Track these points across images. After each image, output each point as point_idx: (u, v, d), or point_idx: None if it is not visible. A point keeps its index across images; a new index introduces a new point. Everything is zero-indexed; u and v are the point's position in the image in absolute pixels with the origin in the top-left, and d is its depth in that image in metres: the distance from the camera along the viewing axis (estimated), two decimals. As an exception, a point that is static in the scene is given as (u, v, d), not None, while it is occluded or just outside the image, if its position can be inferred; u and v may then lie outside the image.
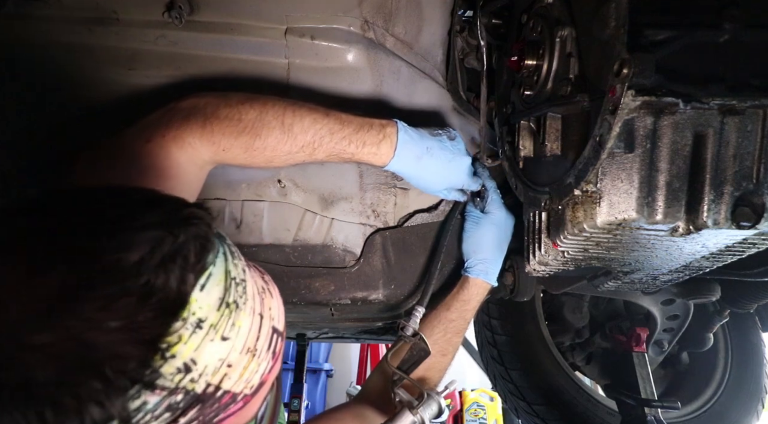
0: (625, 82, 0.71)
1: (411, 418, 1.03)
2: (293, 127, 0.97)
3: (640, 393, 1.58)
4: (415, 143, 1.07)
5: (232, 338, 0.57)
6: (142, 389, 0.50)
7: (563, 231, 0.92)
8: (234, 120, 0.94)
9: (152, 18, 1.05)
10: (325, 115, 1.00)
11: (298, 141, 0.98)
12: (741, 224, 0.79)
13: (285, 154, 0.99)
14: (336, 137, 1.01)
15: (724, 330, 1.86)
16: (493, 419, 4.41)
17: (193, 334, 0.53)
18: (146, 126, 0.93)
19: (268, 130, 0.96)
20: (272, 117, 0.96)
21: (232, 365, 0.57)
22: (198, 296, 0.54)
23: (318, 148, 1.00)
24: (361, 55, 1.11)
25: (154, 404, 0.52)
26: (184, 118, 0.93)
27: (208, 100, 0.96)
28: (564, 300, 1.82)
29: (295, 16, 1.07)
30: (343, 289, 1.24)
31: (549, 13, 0.96)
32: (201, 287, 0.54)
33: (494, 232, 1.25)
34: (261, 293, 0.64)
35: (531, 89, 1.00)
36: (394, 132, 1.06)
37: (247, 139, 0.95)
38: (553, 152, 0.95)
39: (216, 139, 0.94)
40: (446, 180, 1.16)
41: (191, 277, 0.53)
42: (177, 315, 0.52)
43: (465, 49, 1.28)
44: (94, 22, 1.06)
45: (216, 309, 0.55)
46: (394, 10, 1.13)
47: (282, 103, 0.98)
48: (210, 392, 0.56)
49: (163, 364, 0.51)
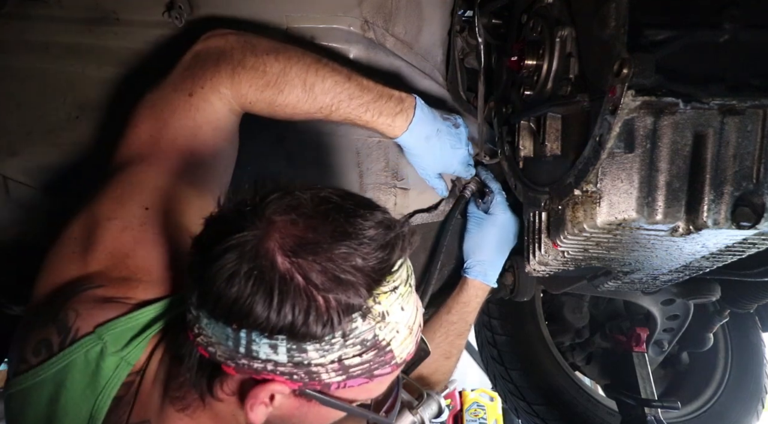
0: (625, 82, 0.71)
1: (411, 418, 1.03)
2: (314, 88, 0.97)
3: (640, 393, 1.58)
4: (428, 123, 1.09)
5: (406, 310, 0.68)
6: (359, 315, 0.63)
7: (563, 231, 0.92)
8: (259, 71, 0.94)
9: (152, 18, 1.05)
10: (347, 78, 0.99)
11: (318, 102, 0.98)
12: (741, 224, 0.79)
13: (304, 113, 1.00)
14: (354, 103, 1.00)
15: (724, 330, 1.86)
16: (493, 419, 4.40)
17: (391, 293, 0.66)
18: (182, 78, 0.93)
19: (290, 87, 0.96)
20: (295, 74, 0.96)
21: (400, 331, 0.68)
22: (400, 270, 0.67)
23: (335, 111, 1.00)
24: (361, 55, 1.11)
25: (359, 331, 0.64)
26: (214, 65, 0.93)
27: (233, 45, 0.96)
28: (564, 300, 1.81)
29: (295, 16, 1.07)
30: (343, 289, 1.24)
31: (549, 13, 0.96)
32: (401, 265, 0.67)
33: (496, 234, 1.24)
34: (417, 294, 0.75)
35: (531, 89, 1.00)
36: (412, 107, 1.06)
37: (271, 95, 0.95)
38: (553, 152, 0.95)
39: (244, 91, 0.94)
40: (443, 165, 1.16)
41: (402, 255, 0.67)
42: (390, 275, 0.65)
43: (465, 49, 1.28)
44: (94, 22, 1.06)
45: (404, 284, 0.68)
46: (394, 10, 1.13)
47: (306, 60, 0.97)
48: (384, 345, 0.67)
49: (373, 305, 0.64)
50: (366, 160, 1.22)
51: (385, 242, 0.64)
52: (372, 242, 0.63)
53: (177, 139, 0.91)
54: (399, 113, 1.05)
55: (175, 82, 0.94)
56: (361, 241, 0.62)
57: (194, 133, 0.92)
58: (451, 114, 1.17)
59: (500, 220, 1.24)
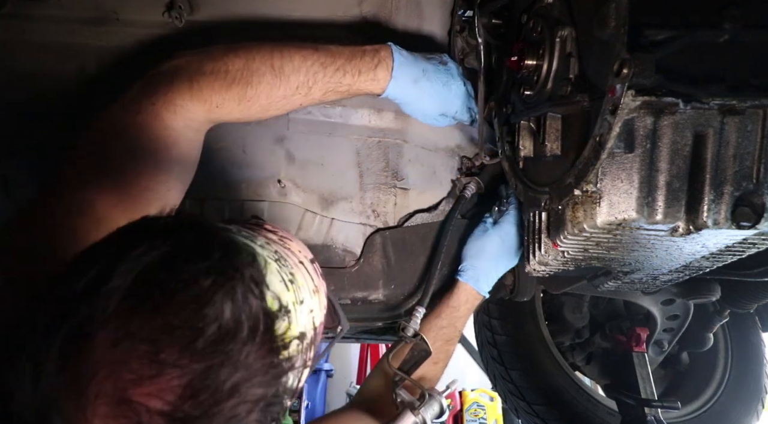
0: (625, 82, 0.71)
1: (413, 418, 1.03)
2: (284, 69, 0.93)
3: (640, 393, 1.58)
4: (411, 65, 1.04)
5: (304, 296, 0.66)
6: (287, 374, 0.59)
7: (563, 231, 0.92)
8: (221, 73, 0.91)
9: (152, 18, 1.05)
10: (314, 50, 0.96)
11: (291, 82, 0.94)
12: (741, 224, 0.79)
13: (281, 99, 0.95)
14: (329, 70, 0.96)
15: (724, 330, 1.86)
16: (493, 419, 4.41)
17: (288, 319, 0.60)
18: (132, 98, 0.89)
19: (258, 76, 0.92)
20: (260, 62, 0.92)
21: (313, 309, 0.68)
22: (271, 296, 0.59)
23: (313, 86, 0.96)
24: (361, 55, 1.10)
25: (294, 374, 0.61)
26: (169, 81, 0.89)
27: (188, 59, 0.93)
28: (564, 300, 1.81)
29: (295, 16, 1.07)
30: (343, 289, 1.24)
31: (549, 13, 0.96)
32: (268, 290, 0.60)
33: (498, 245, 1.23)
34: (287, 248, 0.70)
35: (531, 89, 1.00)
36: (389, 55, 1.02)
37: (239, 90, 0.91)
38: (553, 152, 0.95)
39: (206, 96, 0.90)
40: (442, 105, 1.11)
41: (264, 301, 0.58)
42: (272, 324, 0.58)
43: (465, 49, 1.28)
44: (94, 22, 1.06)
45: (287, 291, 0.63)
46: (394, 10, 1.13)
47: (267, 46, 0.94)
48: (314, 335, 0.67)
49: (287, 353, 0.59)
50: (366, 161, 1.22)
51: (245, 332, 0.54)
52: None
53: (112, 162, 0.85)
54: (378, 64, 1.00)
55: (123, 103, 0.89)
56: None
57: (133, 155, 0.85)
58: (434, 53, 1.12)
59: (504, 231, 1.22)
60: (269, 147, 1.17)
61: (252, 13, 1.07)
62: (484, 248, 1.24)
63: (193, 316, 0.51)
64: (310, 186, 1.21)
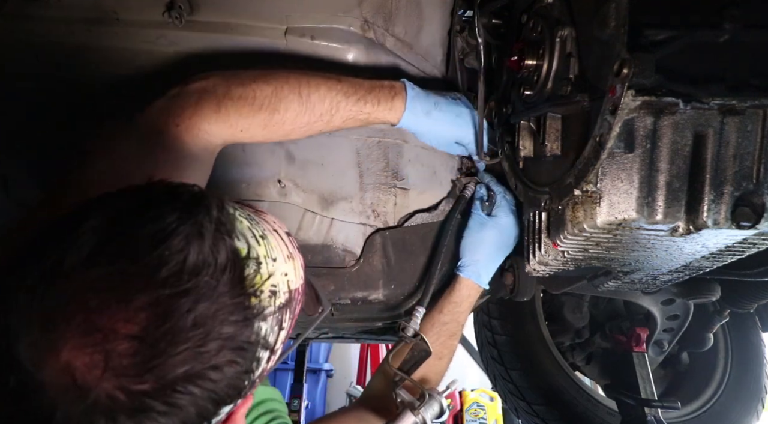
0: (625, 82, 0.71)
1: (413, 418, 1.03)
2: (311, 97, 0.99)
3: (640, 393, 1.58)
4: (424, 99, 1.12)
5: (277, 256, 0.66)
6: (259, 322, 0.60)
7: (563, 231, 0.92)
8: (249, 99, 0.95)
9: (152, 18, 1.05)
10: (338, 81, 1.03)
11: (316, 110, 1.00)
12: (741, 224, 0.79)
13: (304, 125, 1.01)
14: (351, 100, 1.03)
15: (724, 330, 1.86)
16: (493, 419, 4.41)
17: (261, 269, 0.62)
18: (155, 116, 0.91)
19: (286, 103, 0.97)
20: (288, 90, 0.97)
21: (288, 273, 0.68)
22: (240, 243, 0.61)
23: (335, 114, 1.03)
24: (361, 55, 1.11)
25: (268, 326, 0.62)
26: (196, 103, 0.92)
27: (216, 82, 0.95)
28: (564, 300, 1.82)
29: (295, 16, 1.07)
30: (343, 289, 1.24)
31: (549, 13, 0.96)
32: (237, 237, 0.61)
33: (495, 236, 1.23)
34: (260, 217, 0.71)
35: (531, 89, 1.00)
36: (403, 89, 1.10)
37: (266, 116, 0.96)
38: (553, 152, 0.95)
39: (233, 121, 0.94)
40: (455, 133, 1.18)
41: (232, 241, 0.60)
42: (242, 267, 0.59)
43: (465, 49, 1.28)
44: (94, 22, 1.06)
45: (258, 245, 0.64)
46: (394, 10, 1.13)
47: (295, 75, 1.00)
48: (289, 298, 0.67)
49: (259, 301, 0.60)
50: (366, 161, 1.22)
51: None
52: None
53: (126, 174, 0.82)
54: (395, 97, 1.08)
55: (146, 119, 0.90)
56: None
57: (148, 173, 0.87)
58: (447, 91, 1.19)
59: (502, 223, 1.23)
60: (269, 147, 1.17)
61: (252, 13, 1.07)
62: (482, 241, 1.24)
63: (157, 246, 0.53)
64: (310, 186, 1.21)
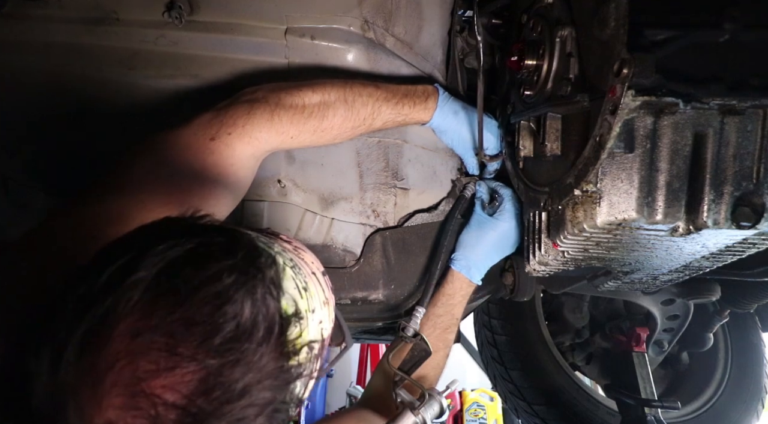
0: (625, 82, 0.71)
1: (413, 418, 1.03)
2: (355, 103, 1.05)
3: (640, 393, 1.58)
4: (453, 101, 1.20)
5: (315, 306, 0.67)
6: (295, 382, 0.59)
7: (563, 231, 0.92)
8: (299, 107, 1.00)
9: (152, 18, 1.05)
10: (376, 87, 1.09)
11: (360, 114, 1.07)
12: (741, 224, 0.79)
13: (349, 129, 1.08)
14: (391, 103, 1.10)
15: (724, 330, 1.87)
16: (493, 419, 4.40)
17: (300, 326, 0.61)
18: (207, 125, 0.94)
19: (333, 110, 1.03)
20: (335, 97, 1.04)
21: (323, 320, 0.69)
22: (286, 301, 0.60)
23: (377, 117, 1.10)
24: (361, 55, 1.11)
25: (302, 383, 0.62)
26: (248, 113, 0.96)
27: (266, 94, 1.00)
28: (564, 300, 1.82)
29: (295, 16, 1.07)
30: (343, 289, 1.24)
31: (549, 13, 0.96)
32: (284, 294, 0.61)
33: (493, 238, 1.23)
34: (301, 258, 0.72)
35: (531, 89, 1.00)
36: (436, 91, 1.18)
37: (315, 123, 1.02)
38: (553, 152, 0.95)
39: (285, 128, 0.99)
40: (476, 136, 1.22)
41: (279, 303, 0.59)
42: (286, 328, 0.59)
43: (465, 49, 1.28)
44: (94, 22, 1.06)
45: (300, 298, 0.64)
46: (394, 10, 1.13)
47: (339, 83, 1.06)
48: (321, 346, 0.67)
49: (297, 362, 0.60)
50: (366, 161, 1.22)
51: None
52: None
53: (173, 177, 0.87)
54: (429, 97, 1.16)
55: (197, 127, 0.93)
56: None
57: (195, 174, 0.89)
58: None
59: (502, 227, 1.22)
60: (269, 147, 1.17)
61: (252, 13, 1.07)
62: (479, 240, 1.24)
63: (213, 312, 0.51)
64: (310, 186, 1.21)
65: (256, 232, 0.70)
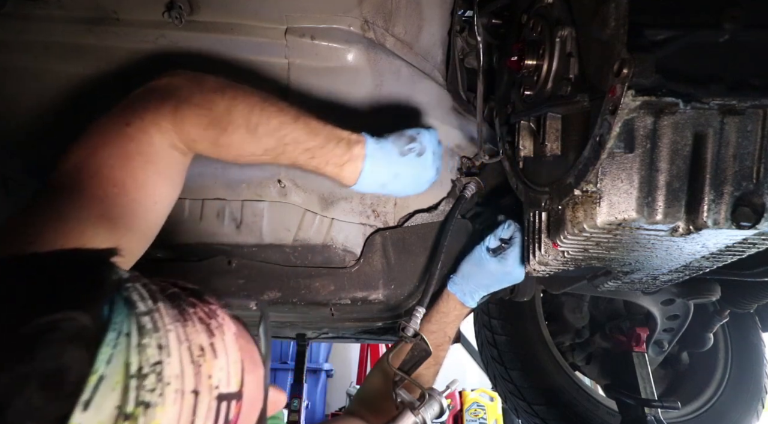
0: (625, 82, 0.71)
1: (413, 418, 1.03)
2: (258, 128, 0.91)
3: (640, 393, 1.58)
4: (383, 168, 1.01)
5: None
6: None
7: (563, 231, 0.92)
8: (204, 109, 0.89)
9: (152, 18, 1.05)
10: (294, 120, 0.94)
11: (262, 144, 0.92)
12: (741, 224, 0.79)
13: (250, 155, 0.94)
14: (299, 148, 0.94)
15: (724, 330, 1.87)
16: (493, 419, 4.41)
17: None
18: (124, 108, 0.88)
19: (233, 127, 0.90)
20: (239, 114, 0.90)
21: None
22: (81, 419, 0.43)
23: (282, 155, 0.94)
24: (361, 55, 1.11)
25: None
26: (159, 100, 0.88)
27: (182, 83, 0.91)
28: (564, 300, 1.82)
29: (295, 16, 1.07)
30: (343, 289, 1.24)
31: (549, 13, 0.96)
32: (84, 406, 0.43)
33: (493, 275, 1.22)
34: (198, 359, 0.53)
35: (531, 89, 1.00)
36: (361, 157, 0.99)
37: (214, 134, 0.89)
38: (553, 152, 0.95)
39: (186, 128, 0.88)
40: (414, 191, 1.11)
41: (64, 404, 0.42)
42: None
43: (465, 49, 1.28)
44: (94, 22, 1.06)
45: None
46: (394, 10, 1.13)
47: (252, 99, 0.92)
48: None
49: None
50: (366, 160, 1.22)
51: None
52: None
53: (101, 169, 0.83)
54: (347, 163, 0.98)
55: (115, 112, 0.88)
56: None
57: (122, 164, 0.84)
58: (418, 133, 1.06)
59: (506, 270, 1.20)
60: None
61: (252, 13, 1.07)
62: (477, 273, 1.23)
63: None
64: (310, 186, 1.21)
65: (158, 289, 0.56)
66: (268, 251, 1.23)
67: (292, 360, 4.16)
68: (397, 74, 1.17)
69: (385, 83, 1.15)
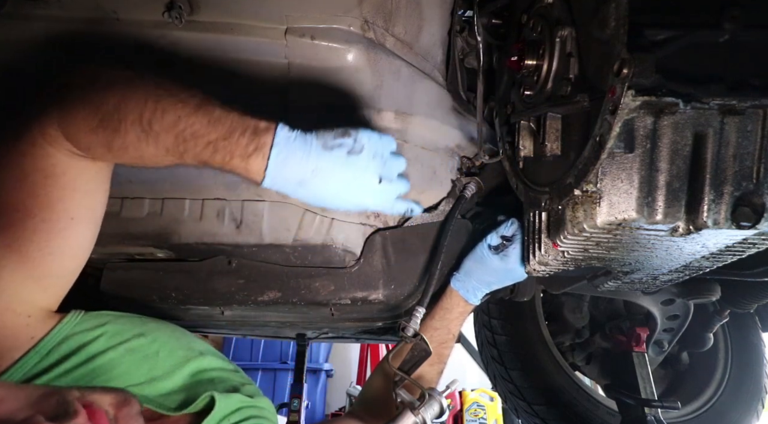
0: (625, 82, 0.71)
1: (413, 418, 1.03)
2: (153, 125, 0.76)
3: (640, 393, 1.58)
4: (297, 163, 0.82)
5: None
6: None
7: (563, 231, 0.92)
8: (92, 109, 0.75)
9: (152, 18, 1.05)
10: (194, 110, 0.78)
11: (161, 143, 0.77)
12: (741, 224, 0.79)
13: (152, 156, 0.79)
14: (200, 143, 0.78)
15: (724, 330, 1.87)
16: (493, 419, 4.41)
17: None
18: (14, 120, 0.79)
19: (126, 125, 0.76)
20: (131, 109, 0.76)
21: None
22: None
23: (185, 153, 0.79)
24: (361, 55, 1.11)
25: None
26: (46, 104, 0.77)
27: (76, 81, 0.79)
28: (564, 300, 1.82)
29: (295, 16, 1.07)
30: (343, 289, 1.24)
31: (549, 13, 0.96)
32: None
33: (493, 275, 1.22)
34: None
35: (531, 89, 1.00)
36: (268, 145, 0.80)
37: (106, 137, 0.76)
38: (553, 152, 0.95)
39: (73, 132, 0.76)
40: (351, 204, 0.89)
41: None
42: None
43: (465, 49, 1.28)
44: (94, 22, 1.06)
45: None
46: (394, 10, 1.13)
47: (146, 89, 0.78)
48: None
49: None
50: (366, 160, 1.22)
51: None
52: None
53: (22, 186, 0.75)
54: (253, 154, 0.80)
55: (12, 124, 0.78)
56: None
57: (20, 185, 0.75)
58: (356, 130, 0.88)
59: (508, 268, 1.20)
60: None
61: (252, 13, 1.07)
62: (479, 270, 1.23)
63: None
64: (310, 186, 1.21)
65: None
66: (268, 251, 1.23)
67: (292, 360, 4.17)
68: (397, 74, 1.17)
69: (385, 83, 1.15)
